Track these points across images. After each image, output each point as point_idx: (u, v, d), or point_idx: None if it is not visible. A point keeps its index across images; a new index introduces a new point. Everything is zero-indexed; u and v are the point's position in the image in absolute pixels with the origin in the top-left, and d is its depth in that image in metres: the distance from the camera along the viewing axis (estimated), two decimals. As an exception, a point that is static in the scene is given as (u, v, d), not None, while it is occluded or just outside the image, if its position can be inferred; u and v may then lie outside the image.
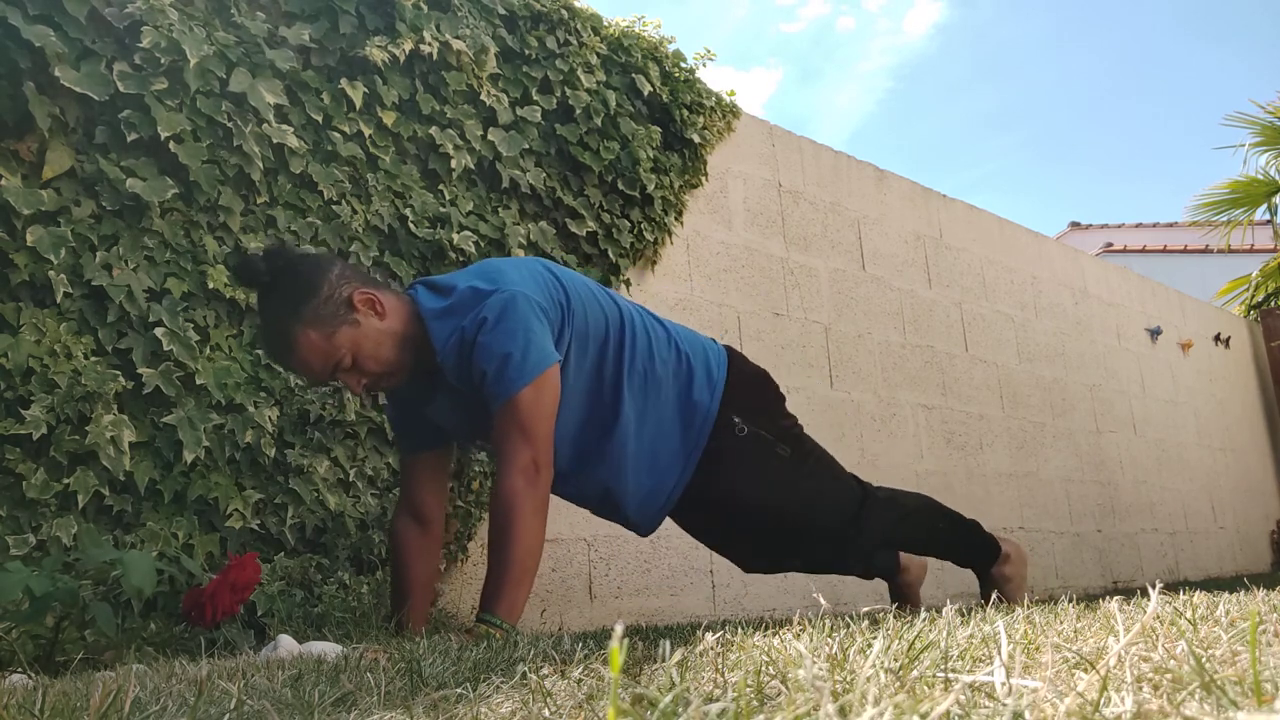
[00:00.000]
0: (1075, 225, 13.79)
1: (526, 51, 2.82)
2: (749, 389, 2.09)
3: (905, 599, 2.41)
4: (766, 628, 1.21)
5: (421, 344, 1.80)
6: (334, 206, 2.35)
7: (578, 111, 2.88)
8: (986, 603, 2.31)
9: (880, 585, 3.23)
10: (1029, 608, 1.34)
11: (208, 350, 2.09)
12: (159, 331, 2.00)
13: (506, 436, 1.73)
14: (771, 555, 2.20)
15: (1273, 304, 7.68)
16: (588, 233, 2.88)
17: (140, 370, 1.98)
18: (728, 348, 2.16)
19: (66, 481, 1.85)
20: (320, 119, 2.35)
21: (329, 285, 1.76)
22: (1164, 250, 12.21)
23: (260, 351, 2.15)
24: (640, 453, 1.95)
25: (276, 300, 1.76)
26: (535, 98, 2.83)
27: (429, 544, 1.97)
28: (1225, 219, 7.60)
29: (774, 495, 2.06)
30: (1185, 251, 11.65)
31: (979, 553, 2.36)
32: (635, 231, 3.01)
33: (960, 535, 2.35)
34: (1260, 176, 7.45)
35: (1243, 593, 1.45)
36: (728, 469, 2.02)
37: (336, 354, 1.74)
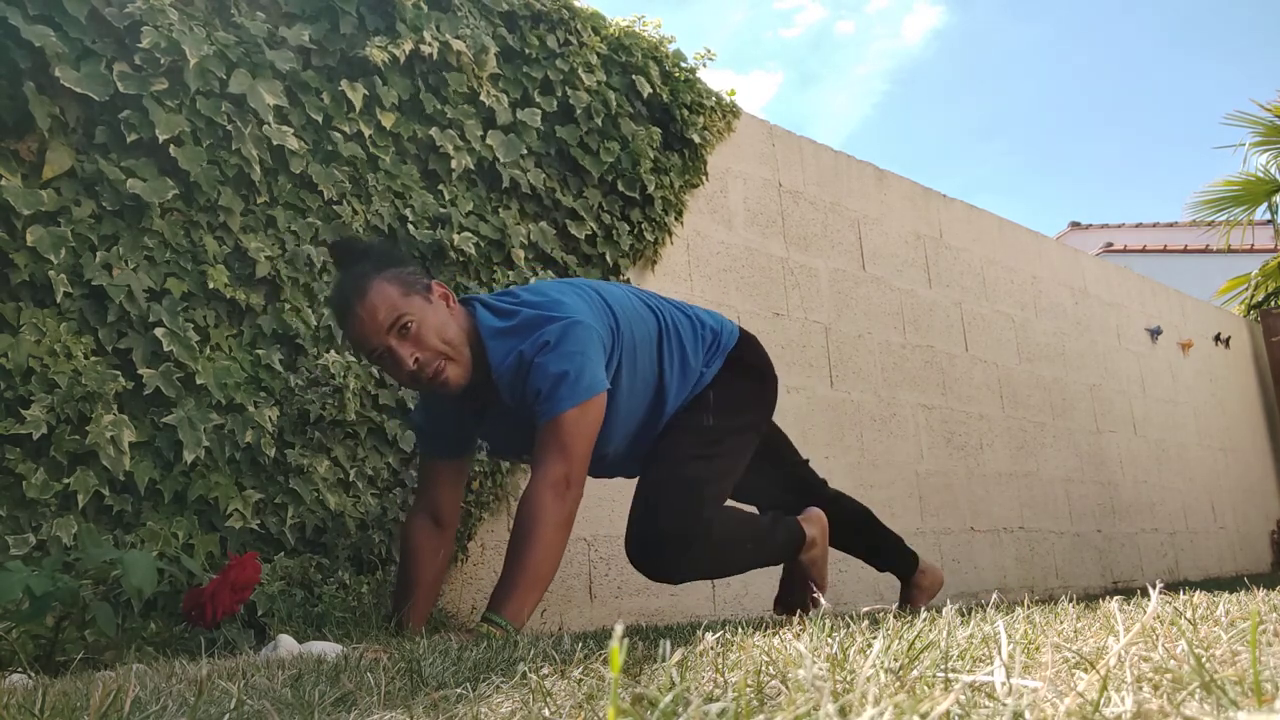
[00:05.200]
0: (1075, 225, 13.79)
1: (527, 51, 2.82)
2: (728, 384, 2.09)
3: (913, 605, 2.37)
4: (766, 628, 1.21)
5: (478, 356, 1.85)
6: (334, 207, 2.35)
7: (578, 112, 2.88)
8: (793, 590, 2.24)
9: (881, 585, 3.23)
10: (1025, 608, 1.34)
11: (208, 350, 2.09)
12: (159, 331, 2.00)
13: (545, 450, 1.78)
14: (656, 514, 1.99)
15: (1273, 304, 7.68)
16: (587, 234, 2.88)
17: (140, 370, 1.98)
18: (744, 335, 2.18)
19: (66, 481, 1.85)
20: (320, 119, 2.35)
21: (416, 268, 1.90)
22: (1164, 250, 12.21)
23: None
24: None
25: (364, 264, 1.83)
26: (535, 98, 2.83)
27: (442, 545, 2.02)
28: (1225, 217, 7.59)
29: (676, 452, 2.01)
30: (1185, 251, 11.65)
31: (785, 546, 2.17)
32: (635, 232, 3.01)
33: (763, 539, 2.14)
34: (1261, 175, 7.45)
35: (1243, 593, 1.45)
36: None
37: (404, 309, 1.79)
